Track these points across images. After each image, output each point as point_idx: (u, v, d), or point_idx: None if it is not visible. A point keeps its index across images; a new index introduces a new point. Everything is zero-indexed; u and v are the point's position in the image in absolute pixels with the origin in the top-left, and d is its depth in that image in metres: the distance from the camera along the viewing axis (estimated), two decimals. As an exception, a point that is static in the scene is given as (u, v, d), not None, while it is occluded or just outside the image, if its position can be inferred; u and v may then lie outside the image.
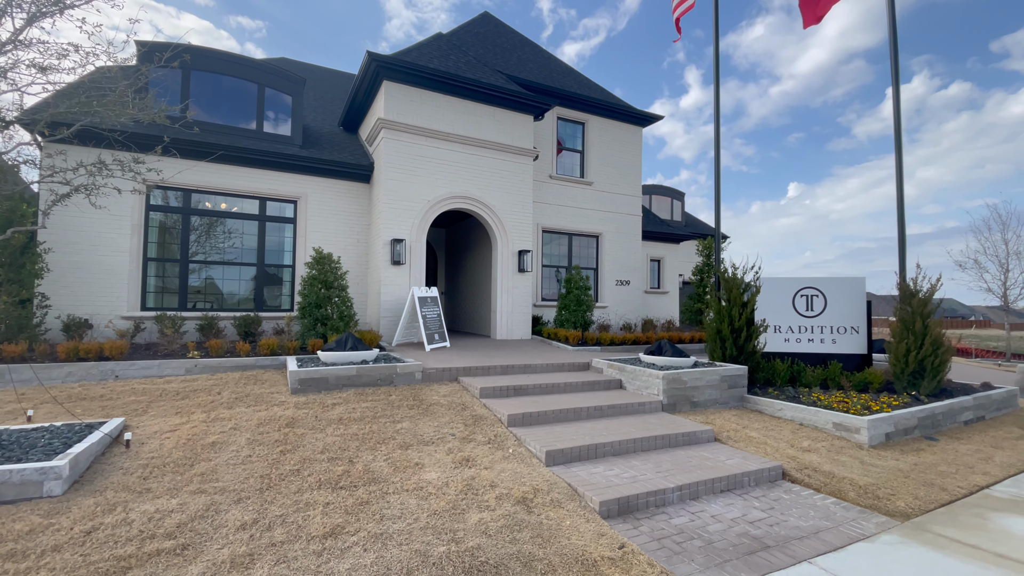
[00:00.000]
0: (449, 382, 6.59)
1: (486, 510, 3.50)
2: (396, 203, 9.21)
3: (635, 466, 4.57)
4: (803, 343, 7.78)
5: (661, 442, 5.16)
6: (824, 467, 4.83)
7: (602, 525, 3.52)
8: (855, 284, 7.66)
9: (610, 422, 5.61)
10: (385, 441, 4.56)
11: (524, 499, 3.71)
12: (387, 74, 9.14)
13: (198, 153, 8.61)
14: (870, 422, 5.52)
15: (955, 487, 4.56)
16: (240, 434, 4.50)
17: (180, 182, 8.60)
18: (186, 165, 8.57)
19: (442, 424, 5.10)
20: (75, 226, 7.89)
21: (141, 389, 5.75)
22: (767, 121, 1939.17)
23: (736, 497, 4.27)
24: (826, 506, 4.14)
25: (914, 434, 6.03)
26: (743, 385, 6.94)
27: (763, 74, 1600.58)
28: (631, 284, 13.40)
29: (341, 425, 4.84)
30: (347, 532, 3.09)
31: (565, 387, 6.61)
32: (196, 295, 8.90)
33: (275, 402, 5.39)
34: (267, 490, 3.56)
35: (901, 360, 7.01)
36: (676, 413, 6.24)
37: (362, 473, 3.90)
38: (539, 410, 5.49)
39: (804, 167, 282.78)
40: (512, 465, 4.29)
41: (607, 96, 13.44)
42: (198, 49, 8.87)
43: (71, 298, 7.81)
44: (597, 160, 13.04)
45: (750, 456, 4.97)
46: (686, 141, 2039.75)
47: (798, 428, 5.97)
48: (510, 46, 13.53)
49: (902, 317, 7.10)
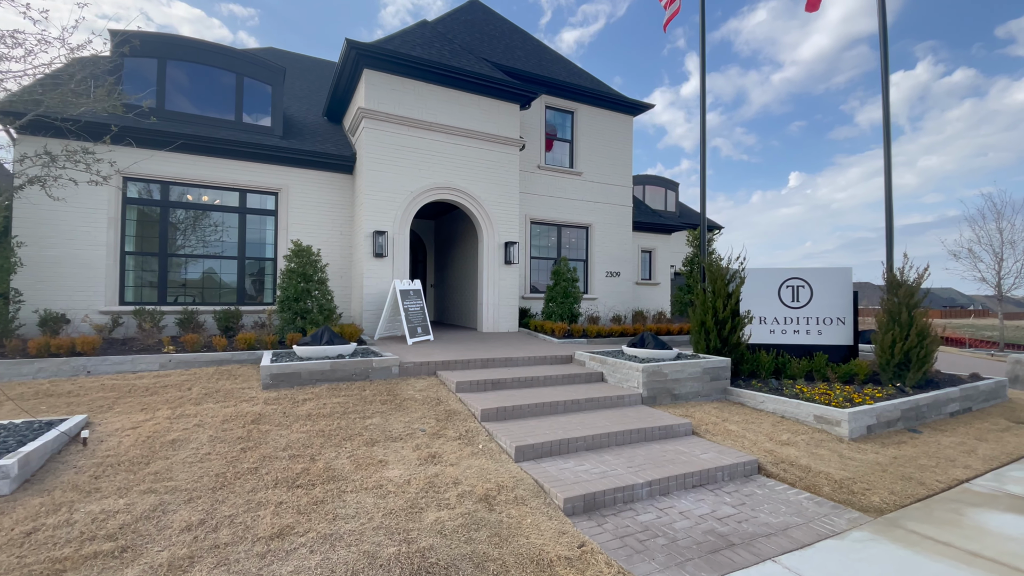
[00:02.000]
0: (427, 376, 6.49)
1: (445, 508, 3.41)
2: (378, 194, 9.06)
3: (607, 461, 4.48)
4: (789, 334, 7.67)
5: (636, 436, 5.08)
6: (801, 461, 4.74)
7: (565, 523, 3.43)
8: (841, 274, 7.54)
9: (587, 416, 5.52)
10: (352, 438, 4.46)
11: (487, 497, 3.62)
12: (367, 62, 8.95)
13: (173, 145, 8.45)
14: (851, 415, 5.43)
15: (933, 481, 4.47)
16: (203, 431, 4.41)
17: (157, 174, 8.45)
18: (162, 157, 8.42)
19: (413, 419, 5.01)
20: (50, 220, 7.75)
21: (111, 385, 5.66)
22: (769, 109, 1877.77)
23: (708, 492, 4.18)
24: (799, 501, 4.05)
25: (897, 426, 5.94)
26: (726, 377, 6.84)
27: (765, 61, 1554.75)
28: (621, 276, 13.27)
29: (309, 421, 4.75)
30: (296, 533, 3.00)
31: (544, 380, 6.52)
32: (177, 289, 8.78)
33: (245, 398, 5.29)
34: (220, 489, 3.47)
35: (887, 351, 6.90)
36: (656, 406, 6.15)
37: (322, 471, 3.81)
38: (515, 404, 5.40)
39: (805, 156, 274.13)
40: (480, 461, 4.20)
41: (597, 84, 13.22)
42: (173, 38, 8.67)
43: (48, 293, 7.70)
44: (587, 150, 12.86)
45: (726, 450, 4.88)
46: (687, 130, 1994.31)
47: (779, 421, 5.88)
48: (498, 34, 13.29)
49: (888, 308, 6.99)
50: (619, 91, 13.93)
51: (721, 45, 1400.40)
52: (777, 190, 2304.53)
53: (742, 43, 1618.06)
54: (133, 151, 8.23)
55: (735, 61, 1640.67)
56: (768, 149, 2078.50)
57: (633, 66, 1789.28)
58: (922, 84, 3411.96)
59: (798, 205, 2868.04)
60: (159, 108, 8.54)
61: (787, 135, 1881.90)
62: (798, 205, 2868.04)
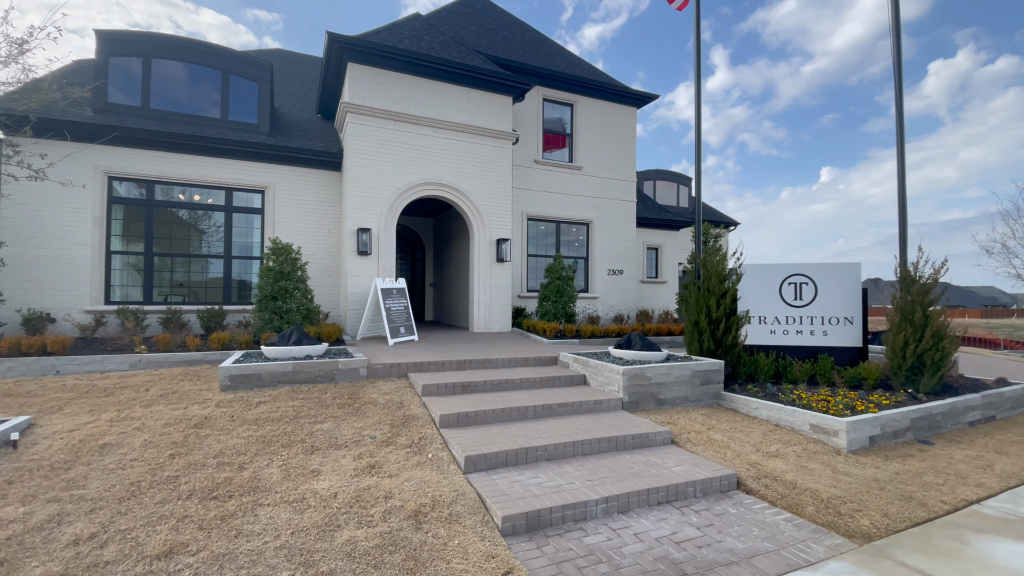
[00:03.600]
0: (397, 379, 6.22)
1: (365, 526, 3.10)
2: (362, 191, 8.85)
3: (566, 473, 4.10)
4: (791, 335, 7.11)
5: (605, 445, 4.68)
6: (787, 476, 4.27)
7: (498, 545, 3.08)
8: (849, 270, 6.94)
9: (557, 422, 5.14)
10: (292, 444, 4.21)
11: (417, 513, 3.30)
12: (351, 56, 8.74)
13: (157, 143, 8.41)
14: (849, 424, 4.90)
15: (936, 502, 3.94)
16: (140, 435, 4.22)
17: (142, 173, 8.42)
18: (147, 155, 8.41)
19: (368, 425, 4.73)
20: (37, 220, 7.79)
21: (72, 385, 5.56)
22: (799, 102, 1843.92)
23: (674, 511, 3.77)
24: (776, 523, 3.60)
25: (906, 437, 5.37)
26: (719, 381, 6.36)
27: (795, 52, 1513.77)
28: (624, 274, 12.78)
29: (255, 426, 4.52)
30: (187, 551, 2.74)
31: (520, 384, 6.16)
32: (163, 288, 8.75)
33: (199, 400, 5.11)
34: (129, 499, 3.24)
35: (898, 354, 6.30)
36: (638, 412, 5.72)
37: (246, 481, 3.55)
38: (479, 409, 5.06)
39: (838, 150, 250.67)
40: (423, 472, 3.89)
41: (598, 75, 12.75)
42: (157, 36, 8.64)
43: (35, 292, 7.74)
44: (587, 143, 12.41)
45: (703, 462, 4.44)
46: (712, 125, 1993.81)
47: (772, 430, 5.39)
48: (496, 27, 12.96)
49: (900, 306, 6.38)
50: (641, 86, 13.43)
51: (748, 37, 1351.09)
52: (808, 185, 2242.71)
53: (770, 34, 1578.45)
54: (117, 150, 8.23)
55: (763, 53, 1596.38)
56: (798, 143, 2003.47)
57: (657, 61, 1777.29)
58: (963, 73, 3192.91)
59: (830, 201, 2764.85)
60: (144, 106, 8.52)
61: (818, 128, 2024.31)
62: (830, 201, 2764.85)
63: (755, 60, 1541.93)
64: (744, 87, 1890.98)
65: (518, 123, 11.49)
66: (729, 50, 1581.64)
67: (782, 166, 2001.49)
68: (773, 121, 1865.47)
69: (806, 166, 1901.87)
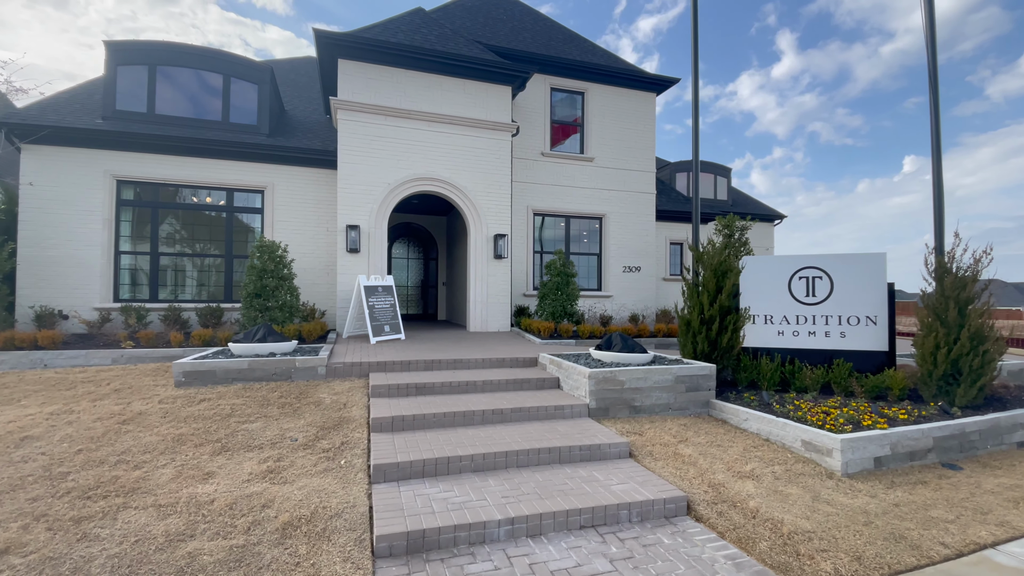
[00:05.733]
0: (357, 378, 5.99)
1: (220, 538, 2.83)
2: (352, 187, 8.76)
3: (486, 487, 3.66)
4: (802, 337, 6.22)
5: (547, 456, 4.18)
6: (752, 502, 3.59)
7: (361, 569, 2.71)
8: (871, 262, 5.97)
9: (505, 429, 4.69)
10: (206, 444, 4.04)
11: (288, 526, 2.99)
12: (340, 52, 8.68)
13: (162, 147, 8.74)
14: (845, 442, 4.11)
15: (935, 544, 3.15)
16: (67, 429, 4.21)
17: (148, 176, 8.78)
18: (152, 159, 8.75)
19: (298, 426, 4.50)
20: (52, 222, 8.29)
21: (48, 378, 5.75)
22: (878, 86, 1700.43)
23: (594, 538, 3.24)
24: (712, 560, 2.99)
25: (927, 459, 4.47)
26: (709, 388, 5.65)
27: (872, 31, 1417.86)
28: (642, 270, 11.98)
29: (182, 424, 4.41)
30: (21, 552, 2.58)
31: (484, 386, 5.74)
32: (167, 286, 9.08)
33: (147, 396, 5.10)
34: (7, 493, 3.16)
35: (928, 359, 5.32)
36: (605, 420, 5.15)
37: (132, 481, 3.40)
38: (420, 413, 4.71)
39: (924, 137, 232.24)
40: (323, 481, 3.58)
41: (612, 60, 12.06)
42: (161, 44, 8.99)
43: (49, 290, 8.23)
44: (600, 133, 11.75)
45: (654, 481, 3.84)
46: (779, 115, 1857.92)
47: (759, 445, 4.66)
48: (506, 17, 12.59)
49: (931, 303, 5.38)
50: (700, 77, 12.61)
51: (819, 18, 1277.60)
52: (888, 177, 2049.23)
53: (844, 14, 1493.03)
54: (125, 155, 8.62)
55: (835, 35, 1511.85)
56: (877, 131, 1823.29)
57: (717, 50, 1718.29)
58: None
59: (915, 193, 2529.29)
60: (150, 112, 8.88)
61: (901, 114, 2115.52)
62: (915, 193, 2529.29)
63: (827, 42, 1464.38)
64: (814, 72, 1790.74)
65: (524, 114, 11.05)
66: (797, 34, 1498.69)
67: (859, 156, 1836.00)
68: (848, 108, 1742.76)
69: (887, 155, 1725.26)
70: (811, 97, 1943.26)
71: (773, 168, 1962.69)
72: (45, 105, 8.64)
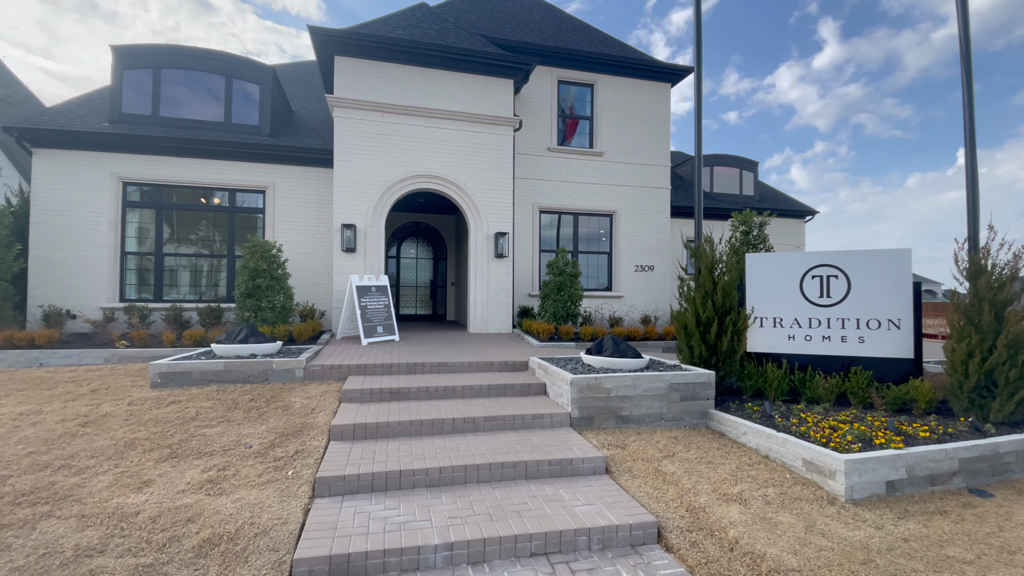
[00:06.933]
0: (336, 381, 5.80)
1: (130, 554, 2.64)
2: (348, 186, 8.63)
3: (436, 505, 3.37)
4: (815, 342, 5.66)
5: (510, 472, 3.85)
6: (733, 531, 3.17)
7: (269, 596, 2.46)
8: (894, 258, 5.35)
9: (476, 439, 4.39)
10: (157, 449, 3.90)
11: (207, 543, 2.78)
12: (335, 49, 8.58)
13: (165, 149, 8.84)
14: (849, 463, 3.62)
15: (945, 593, 2.66)
16: (29, 430, 4.16)
17: (152, 178, 8.90)
18: (156, 161, 8.87)
19: (257, 432, 4.33)
20: (61, 224, 8.50)
21: (35, 377, 5.81)
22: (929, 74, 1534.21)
23: (544, 567, 2.90)
24: (672, 602, 2.60)
25: (951, 484, 3.91)
26: (707, 397, 5.18)
27: (922, 16, 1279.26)
28: (656, 270, 11.44)
29: (141, 427, 4.30)
30: (-91, 572, 2.45)
31: (463, 391, 5.45)
32: (171, 286, 9.19)
33: (121, 396, 5.05)
34: (-68, 503, 3.08)
35: (959, 369, 4.70)
36: (589, 430, 4.77)
37: (67, 488, 3.27)
38: (387, 421, 4.47)
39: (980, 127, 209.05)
40: (262, 493, 3.37)
41: (622, 50, 11.56)
42: (166, 47, 9.10)
43: (58, 291, 8.44)
44: (610, 126, 11.27)
45: (625, 502, 3.46)
46: (820, 107, 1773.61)
47: (755, 462, 4.19)
48: (514, 10, 12.27)
49: (961, 306, 4.76)
50: (735, 71, 12.07)
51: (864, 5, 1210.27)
52: (941, 170, 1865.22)
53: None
54: (130, 157, 8.77)
55: (882, 21, 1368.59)
56: (929, 122, 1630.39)
57: (753, 41, 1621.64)
58: None
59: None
60: (154, 114, 9.00)
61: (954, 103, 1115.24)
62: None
63: (873, 30, 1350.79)
64: (859, 62, 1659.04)
65: (529, 109, 10.71)
66: (840, 21, 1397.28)
67: (908, 149, 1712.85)
68: (896, 98, 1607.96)
69: (939, 147, 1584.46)
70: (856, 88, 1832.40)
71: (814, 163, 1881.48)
72: (56, 111, 8.88)
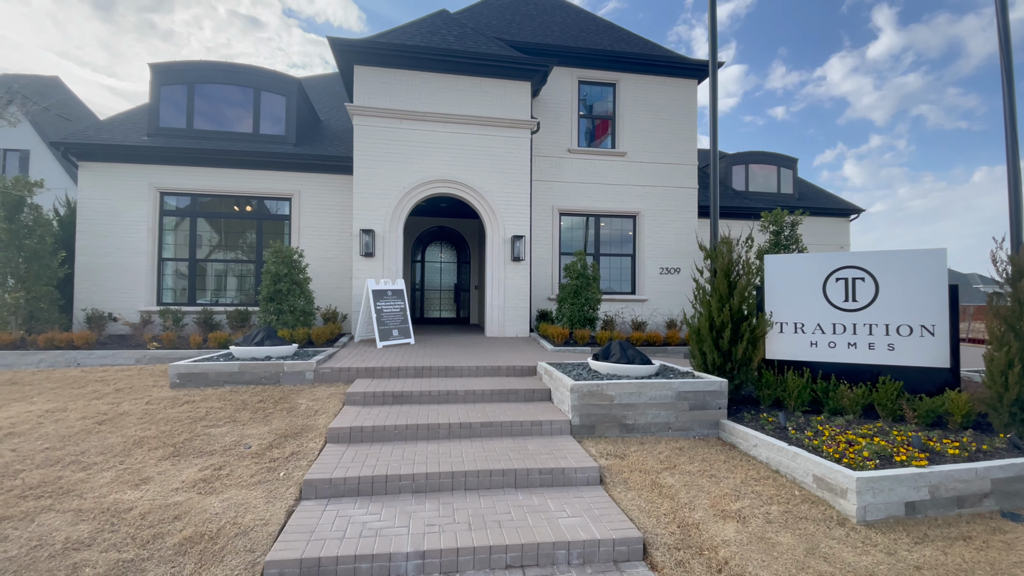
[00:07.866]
0: (345, 383, 5.90)
1: (114, 549, 2.75)
2: (367, 192, 8.81)
3: (418, 511, 3.34)
4: (840, 348, 5.29)
5: (499, 479, 3.78)
6: (725, 550, 2.98)
7: (237, 598, 2.50)
8: (926, 259, 4.94)
9: (470, 445, 4.35)
10: (162, 448, 4.06)
11: (188, 541, 2.86)
12: (354, 59, 8.79)
13: (199, 160, 9.30)
14: (862, 481, 3.34)
15: (956, 631, 2.39)
16: (50, 427, 4.43)
17: (186, 187, 9.39)
18: (190, 171, 9.35)
19: (259, 433, 4.44)
20: (105, 232, 9.09)
21: (68, 377, 6.17)
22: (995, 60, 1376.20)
23: (517, 581, 2.81)
24: (645, 624, 2.46)
25: (983, 506, 3.55)
26: (719, 406, 4.94)
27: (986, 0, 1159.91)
28: (681, 272, 11.06)
29: (152, 426, 4.50)
30: (-84, 558, 2.63)
31: (466, 396, 5.42)
32: (203, 290, 9.65)
33: (141, 396, 5.31)
34: (-50, 494, 3.31)
35: (998, 379, 4.28)
36: (589, 439, 4.63)
37: (72, 483, 3.44)
38: (384, 424, 4.49)
39: None
40: (250, 494, 3.44)
41: (646, 48, 11.29)
42: (199, 64, 9.59)
43: (102, 295, 9.02)
44: (633, 125, 11.02)
45: (610, 516, 3.33)
46: (876, 99, 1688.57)
47: (765, 477, 3.95)
48: (536, 12, 12.22)
49: (1001, 311, 4.32)
50: (782, 64, 11.73)
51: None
52: None
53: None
54: (167, 168, 9.28)
55: (943, 7, 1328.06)
56: (997, 111, 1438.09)
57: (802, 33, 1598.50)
58: None
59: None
60: (188, 127, 9.50)
61: None
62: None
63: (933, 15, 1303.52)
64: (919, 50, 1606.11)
65: (549, 110, 10.63)
66: (896, 8, 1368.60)
67: (974, 141, 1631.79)
68: (960, 87, 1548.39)
69: None
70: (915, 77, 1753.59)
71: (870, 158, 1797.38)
72: (101, 126, 9.51)
